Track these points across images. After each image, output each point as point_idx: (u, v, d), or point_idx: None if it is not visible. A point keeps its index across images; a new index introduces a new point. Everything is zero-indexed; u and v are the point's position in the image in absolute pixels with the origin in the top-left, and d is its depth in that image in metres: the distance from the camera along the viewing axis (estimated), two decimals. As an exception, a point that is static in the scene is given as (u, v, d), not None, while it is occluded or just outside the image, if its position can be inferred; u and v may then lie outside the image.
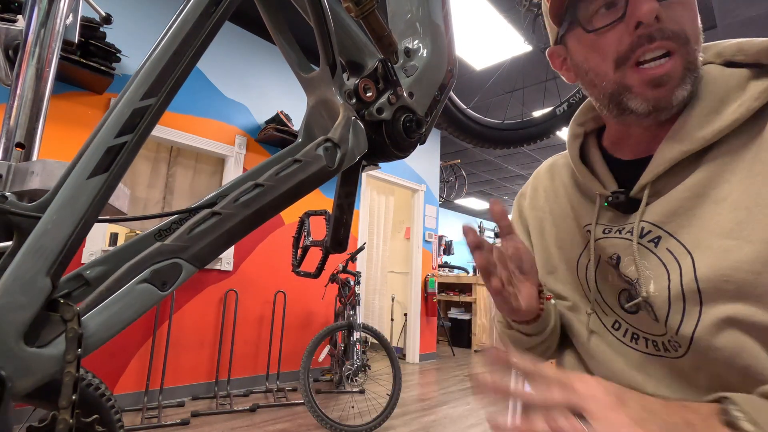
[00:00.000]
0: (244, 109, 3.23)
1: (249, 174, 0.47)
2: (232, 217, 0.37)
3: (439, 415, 2.70)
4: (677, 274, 0.46)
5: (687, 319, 0.45)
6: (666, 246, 0.48)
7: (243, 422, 2.36)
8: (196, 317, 2.83)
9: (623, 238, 0.53)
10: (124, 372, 2.50)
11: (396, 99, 0.53)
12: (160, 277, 0.34)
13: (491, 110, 4.39)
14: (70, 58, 2.16)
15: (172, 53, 0.36)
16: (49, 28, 0.78)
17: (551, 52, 0.60)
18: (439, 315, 5.20)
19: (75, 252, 0.31)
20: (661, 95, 0.47)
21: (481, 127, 1.41)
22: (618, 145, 0.58)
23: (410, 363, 4.44)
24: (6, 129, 0.72)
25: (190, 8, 0.38)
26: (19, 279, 0.29)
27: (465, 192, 6.19)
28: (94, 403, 0.78)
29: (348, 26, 0.54)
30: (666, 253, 0.48)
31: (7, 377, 0.27)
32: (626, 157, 0.57)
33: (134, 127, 0.34)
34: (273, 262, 3.25)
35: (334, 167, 0.45)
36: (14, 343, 0.28)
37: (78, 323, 0.30)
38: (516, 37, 3.21)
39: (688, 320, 0.45)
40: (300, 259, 0.93)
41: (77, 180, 0.32)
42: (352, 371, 2.67)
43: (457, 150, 5.61)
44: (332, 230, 0.60)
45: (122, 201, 0.70)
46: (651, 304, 0.48)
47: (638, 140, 0.55)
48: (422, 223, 4.70)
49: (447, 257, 7.19)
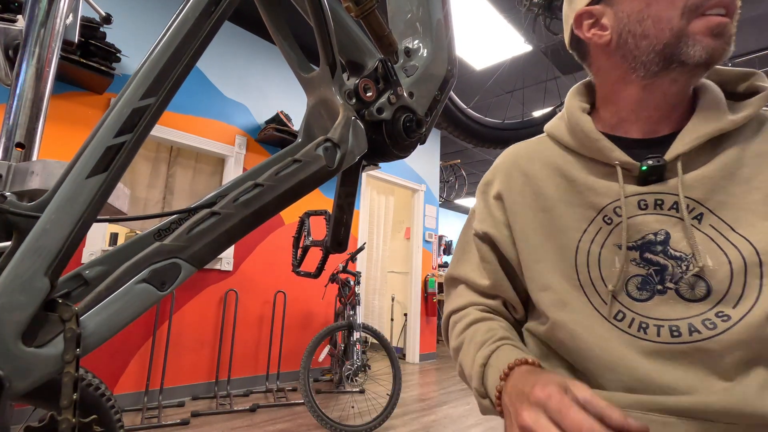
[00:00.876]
0: (244, 109, 3.23)
1: (248, 174, 0.47)
2: (232, 217, 0.37)
3: (439, 415, 2.70)
4: (733, 249, 0.47)
5: (748, 292, 0.46)
6: (709, 223, 0.49)
7: (243, 422, 2.36)
8: (196, 317, 2.82)
9: (666, 214, 0.51)
10: (124, 372, 2.50)
11: (396, 99, 0.53)
12: (159, 277, 0.34)
13: (491, 110, 4.38)
14: (70, 58, 2.16)
15: (171, 53, 0.36)
16: (49, 28, 0.78)
17: (581, 13, 0.58)
18: (439, 315, 5.20)
19: (74, 252, 0.31)
20: (719, 46, 0.49)
21: (481, 127, 1.41)
22: (623, 123, 0.57)
23: (410, 363, 4.44)
24: (6, 129, 0.72)
25: (190, 8, 0.38)
26: (17, 278, 0.29)
27: (465, 192, 6.19)
28: (94, 403, 0.78)
29: (348, 26, 0.54)
30: (711, 229, 0.49)
31: (5, 377, 0.27)
32: (634, 136, 0.56)
33: (133, 126, 0.34)
34: (273, 262, 3.25)
35: (334, 167, 0.45)
36: (12, 343, 0.28)
37: (76, 323, 0.30)
38: (516, 37, 3.21)
39: (750, 293, 0.46)
40: (300, 259, 0.93)
41: (76, 179, 0.32)
42: (352, 371, 2.66)
43: (457, 150, 5.60)
44: (332, 230, 0.60)
45: (122, 201, 0.69)
46: (707, 279, 0.48)
47: (650, 115, 0.55)
48: (422, 223, 4.70)
49: (447, 257, 7.18)
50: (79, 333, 0.29)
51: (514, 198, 0.63)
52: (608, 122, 0.59)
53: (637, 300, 0.51)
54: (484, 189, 0.69)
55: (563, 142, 0.61)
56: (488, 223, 0.65)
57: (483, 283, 0.65)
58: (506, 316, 0.66)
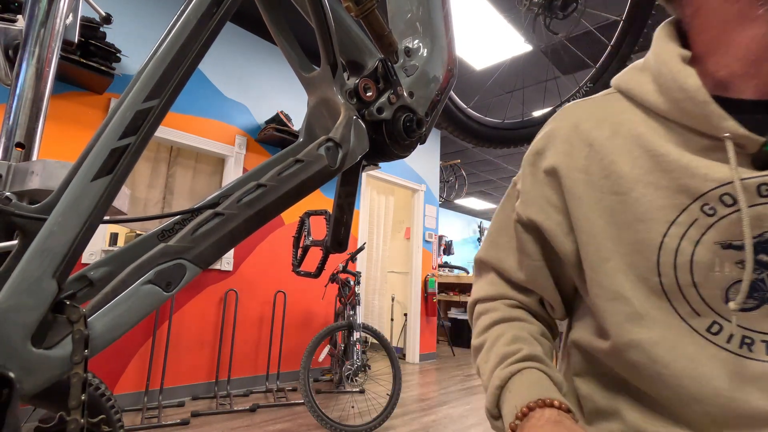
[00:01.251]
0: (244, 109, 3.23)
1: (251, 174, 0.47)
2: (236, 217, 0.38)
3: (439, 415, 2.70)
4: None
5: None
6: None
7: (243, 422, 2.36)
8: (196, 317, 2.83)
9: None
10: (124, 372, 2.50)
11: (396, 98, 0.54)
12: (164, 278, 0.34)
13: (491, 110, 4.39)
14: (70, 58, 2.16)
15: (174, 55, 0.36)
16: (49, 28, 0.78)
17: None
18: (439, 315, 5.21)
19: (81, 254, 0.31)
20: None
21: (481, 127, 1.42)
22: (735, 80, 0.43)
23: (410, 363, 4.44)
24: (6, 129, 0.72)
25: (192, 9, 0.38)
26: (25, 281, 0.29)
27: (465, 192, 6.20)
28: (95, 403, 0.78)
29: (348, 26, 0.54)
30: None
31: (15, 379, 0.27)
32: (750, 97, 0.42)
33: (137, 129, 0.34)
34: (273, 262, 3.25)
35: (336, 167, 0.45)
36: (21, 345, 0.28)
37: (84, 325, 0.30)
38: (516, 37, 3.21)
39: None
40: (300, 258, 0.93)
41: (81, 182, 0.32)
42: (352, 371, 2.67)
43: (457, 150, 5.61)
44: (332, 230, 0.61)
45: (122, 201, 0.70)
46: None
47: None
48: (422, 223, 4.70)
49: (447, 257, 7.19)
50: (87, 334, 0.30)
51: (575, 175, 0.48)
52: (713, 78, 0.44)
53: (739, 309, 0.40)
54: (533, 160, 0.54)
55: (647, 103, 0.46)
56: (536, 207, 0.51)
57: (518, 276, 0.55)
58: (540, 316, 0.57)
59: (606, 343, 0.46)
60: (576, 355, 0.52)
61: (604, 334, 0.46)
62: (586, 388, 0.51)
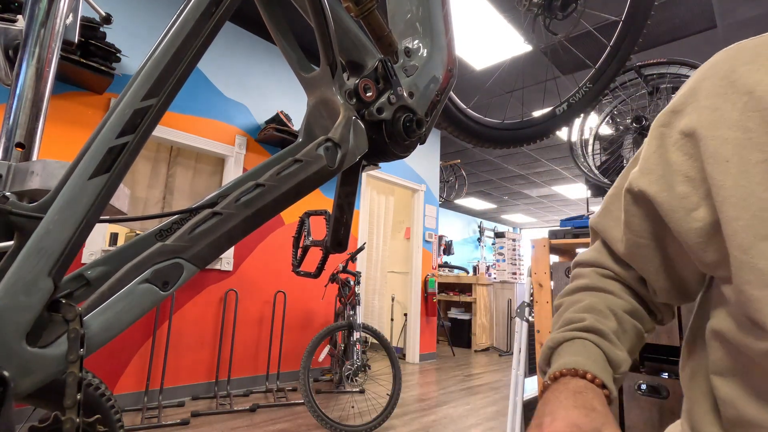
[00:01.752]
0: (244, 109, 3.23)
1: (250, 174, 0.47)
2: (234, 217, 0.37)
3: (439, 415, 2.70)
4: None
5: None
6: None
7: (243, 422, 2.36)
8: (196, 317, 2.83)
9: None
10: (124, 372, 2.50)
11: (396, 99, 0.54)
12: (161, 277, 0.34)
13: (491, 110, 4.39)
14: (70, 58, 2.16)
15: (172, 54, 0.36)
16: (49, 28, 0.78)
17: None
18: (439, 315, 5.21)
19: (77, 253, 0.31)
20: None
21: (480, 127, 1.41)
22: None
23: (410, 363, 4.44)
24: (6, 129, 0.72)
25: (191, 8, 0.38)
26: (21, 280, 0.29)
27: (465, 192, 6.19)
28: (94, 403, 0.78)
29: (348, 26, 0.54)
30: None
31: (10, 378, 0.27)
32: None
33: (135, 127, 0.34)
34: (273, 262, 3.25)
35: (335, 167, 0.45)
36: (16, 344, 0.28)
37: (80, 323, 0.30)
38: (516, 37, 3.21)
39: None
40: (300, 259, 0.93)
41: (79, 180, 0.32)
42: (352, 371, 2.66)
43: (457, 150, 5.61)
44: (332, 230, 0.61)
45: (122, 201, 0.70)
46: None
47: None
48: (422, 223, 4.70)
49: (447, 257, 7.19)
50: (82, 333, 0.30)
51: (724, 133, 0.38)
52: None
53: None
54: (666, 120, 0.44)
55: None
56: (653, 176, 0.43)
57: (619, 248, 0.50)
58: (639, 294, 0.52)
59: (763, 343, 0.36)
60: (718, 350, 0.42)
61: (759, 330, 0.36)
62: (728, 391, 0.41)
